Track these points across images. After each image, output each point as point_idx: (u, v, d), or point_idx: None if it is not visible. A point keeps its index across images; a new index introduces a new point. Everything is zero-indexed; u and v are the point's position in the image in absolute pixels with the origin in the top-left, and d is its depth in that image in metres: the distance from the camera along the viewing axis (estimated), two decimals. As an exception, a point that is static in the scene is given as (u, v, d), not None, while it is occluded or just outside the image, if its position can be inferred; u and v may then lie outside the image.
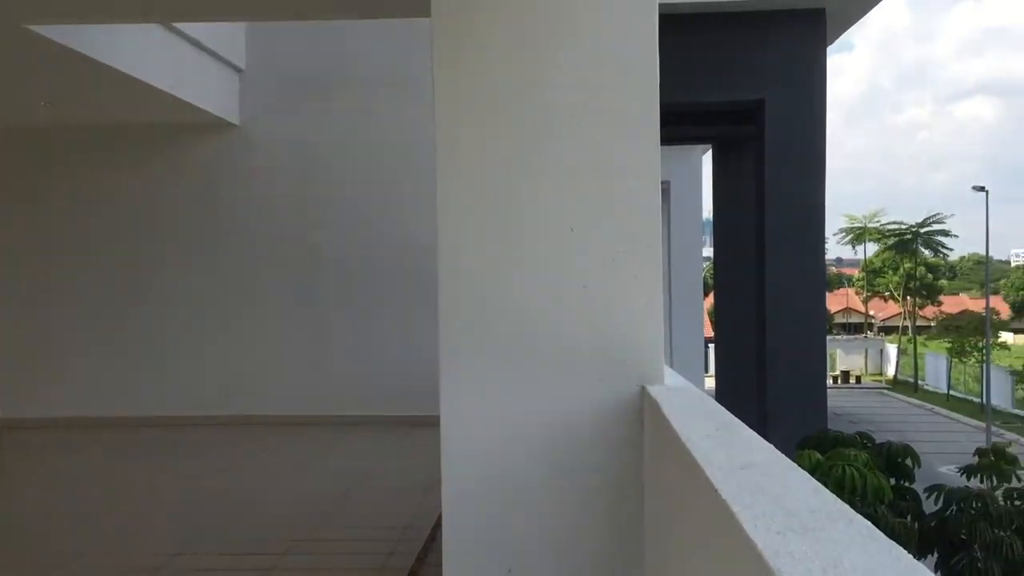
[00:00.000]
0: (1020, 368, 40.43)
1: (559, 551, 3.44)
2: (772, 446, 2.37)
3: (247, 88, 9.43)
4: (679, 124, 14.34)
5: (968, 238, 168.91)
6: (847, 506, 1.73)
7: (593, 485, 3.44)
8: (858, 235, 66.60)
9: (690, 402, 3.09)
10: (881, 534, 1.54)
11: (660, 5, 3.61)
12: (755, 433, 2.57)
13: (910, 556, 1.43)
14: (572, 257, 3.48)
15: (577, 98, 3.47)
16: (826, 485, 7.87)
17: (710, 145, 17.72)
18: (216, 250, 9.46)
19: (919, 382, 55.09)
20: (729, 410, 2.97)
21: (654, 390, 3.31)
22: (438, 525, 3.52)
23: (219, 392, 9.31)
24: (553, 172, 3.48)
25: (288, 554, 5.03)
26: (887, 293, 70.54)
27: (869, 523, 1.60)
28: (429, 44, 3.50)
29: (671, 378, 3.86)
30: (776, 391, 13.66)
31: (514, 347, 3.44)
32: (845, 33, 14.65)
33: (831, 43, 13.74)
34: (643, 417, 3.41)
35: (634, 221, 3.47)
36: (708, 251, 23.84)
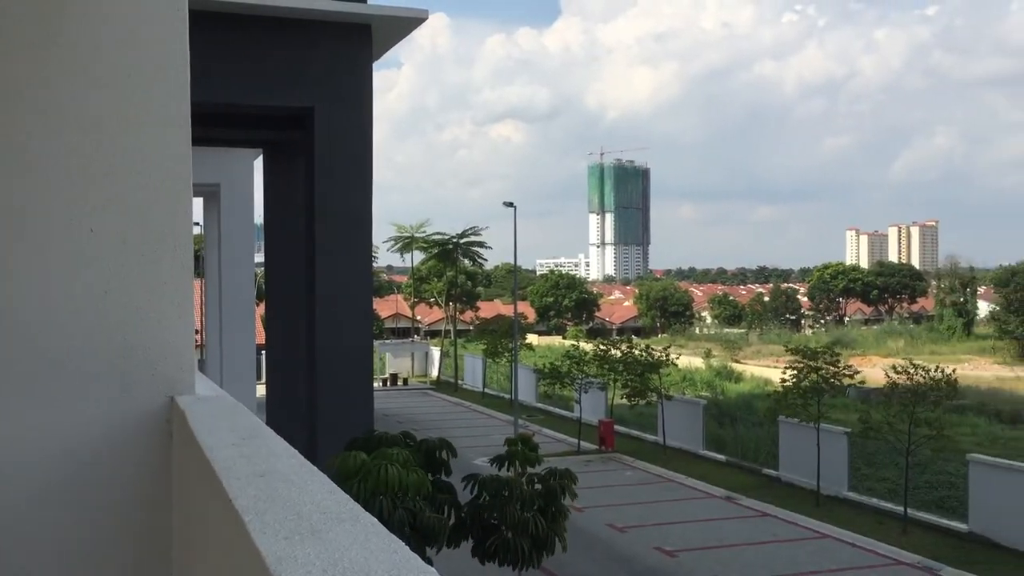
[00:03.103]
0: (543, 367, 45.33)
1: (74, 583, 3.13)
2: (297, 452, 2.37)
3: None
4: (226, 126, 14.02)
5: (500, 249, 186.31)
6: (358, 506, 1.78)
7: (114, 508, 3.18)
8: (406, 244, 70.22)
9: (219, 411, 2.99)
10: (385, 530, 1.61)
11: (202, 1, 3.47)
12: (282, 440, 2.56)
13: (407, 549, 1.51)
14: (93, 261, 3.19)
15: (96, 89, 3.20)
16: (369, 484, 8.13)
17: (262, 149, 17.58)
18: None
19: (459, 382, 59.53)
20: (280, 416, 2.96)
21: (183, 400, 3.16)
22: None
23: None
24: (70, 168, 3.17)
25: None
26: (432, 299, 75.28)
27: (375, 521, 1.67)
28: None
29: (204, 387, 3.71)
30: (326, 395, 13.90)
31: (19, 361, 3.07)
32: (393, 50, 15.42)
33: (378, 58, 14.34)
34: (172, 429, 3.23)
35: (163, 223, 3.28)
36: (262, 256, 23.49)
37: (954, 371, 26.10)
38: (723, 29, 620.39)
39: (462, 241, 68.30)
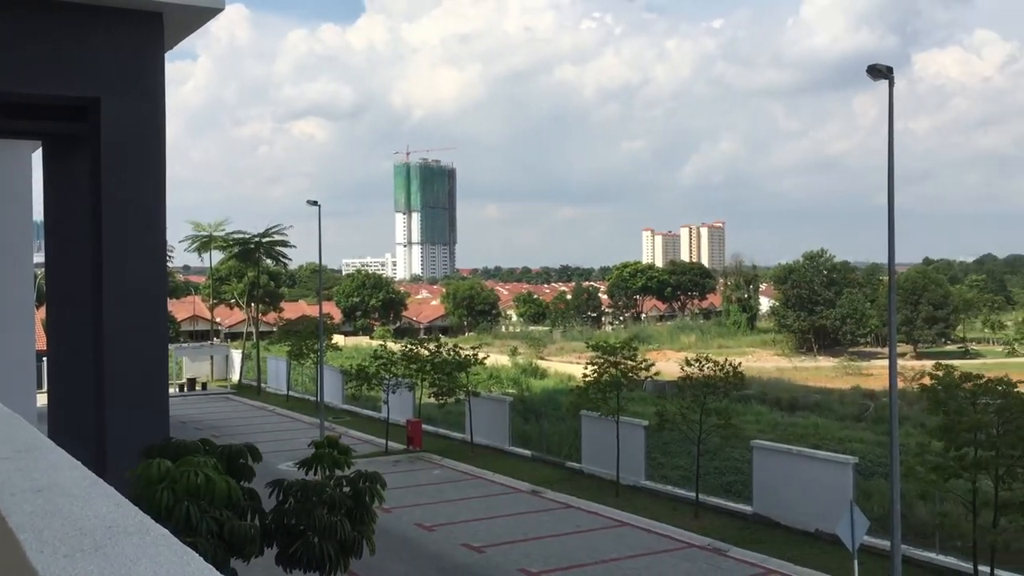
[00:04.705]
0: (349, 367, 44.75)
1: None
2: (80, 463, 2.23)
3: None
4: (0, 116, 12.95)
5: (305, 248, 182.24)
6: (147, 518, 1.70)
7: None
8: (204, 243, 67.29)
9: (-9, 423, 2.76)
10: (177, 542, 1.54)
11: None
12: (64, 452, 2.40)
13: (201, 560, 1.45)
14: None
15: None
16: (175, 492, 7.79)
17: (41, 142, 16.37)
18: None
19: (262, 385, 57.81)
20: (64, 426, 2.75)
21: (-52, 413, 2.90)
22: None
23: None
24: None
25: None
26: (233, 300, 72.63)
27: (167, 532, 1.60)
28: None
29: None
30: (116, 402, 13.12)
31: None
32: (188, 41, 14.73)
33: (171, 48, 13.66)
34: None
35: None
36: (43, 256, 21.91)
37: (740, 364, 27.85)
38: (525, 33, 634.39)
39: (264, 240, 66.10)
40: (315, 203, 37.60)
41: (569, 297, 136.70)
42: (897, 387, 16.86)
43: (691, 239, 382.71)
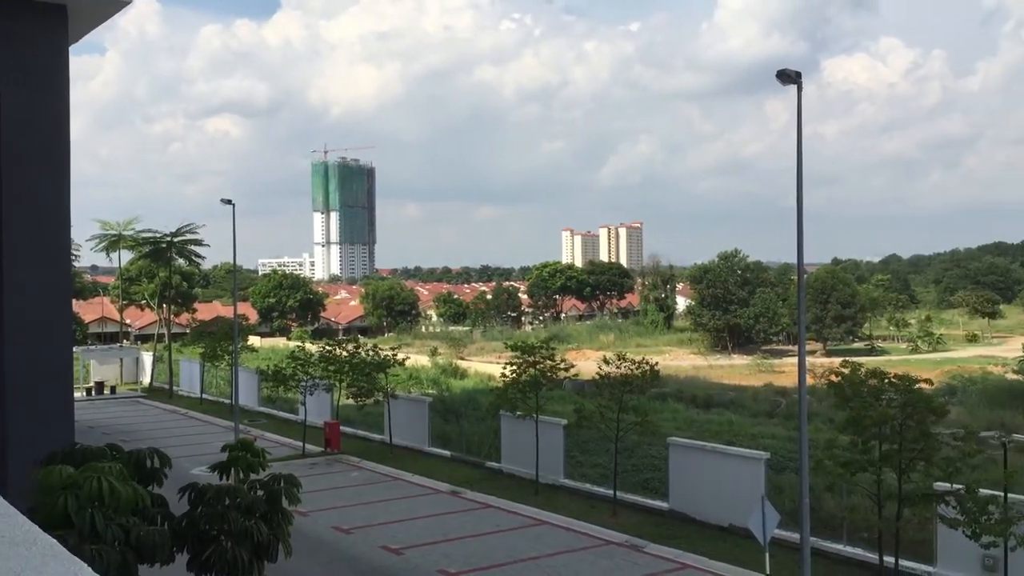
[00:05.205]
0: (266, 368, 44.00)
1: None
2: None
3: None
4: None
5: (219, 248, 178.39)
6: (36, 528, 1.63)
7: None
8: (113, 242, 65.32)
9: None
10: (64, 551, 1.48)
11: None
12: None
13: (89, 570, 1.40)
14: None
15: None
16: (78, 499, 7.51)
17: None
18: None
19: (175, 388, 56.41)
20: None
21: None
22: None
23: None
24: None
25: None
26: (144, 301, 70.73)
27: (55, 542, 1.53)
28: None
29: None
30: (17, 407, 12.67)
31: None
32: (95, 34, 14.27)
33: (76, 41, 13.21)
34: None
35: None
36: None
37: (657, 362, 28.23)
38: (445, 32, 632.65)
39: (176, 239, 64.41)
40: (229, 202, 36.76)
41: (489, 297, 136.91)
42: (806, 384, 17.31)
43: (610, 239, 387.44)
